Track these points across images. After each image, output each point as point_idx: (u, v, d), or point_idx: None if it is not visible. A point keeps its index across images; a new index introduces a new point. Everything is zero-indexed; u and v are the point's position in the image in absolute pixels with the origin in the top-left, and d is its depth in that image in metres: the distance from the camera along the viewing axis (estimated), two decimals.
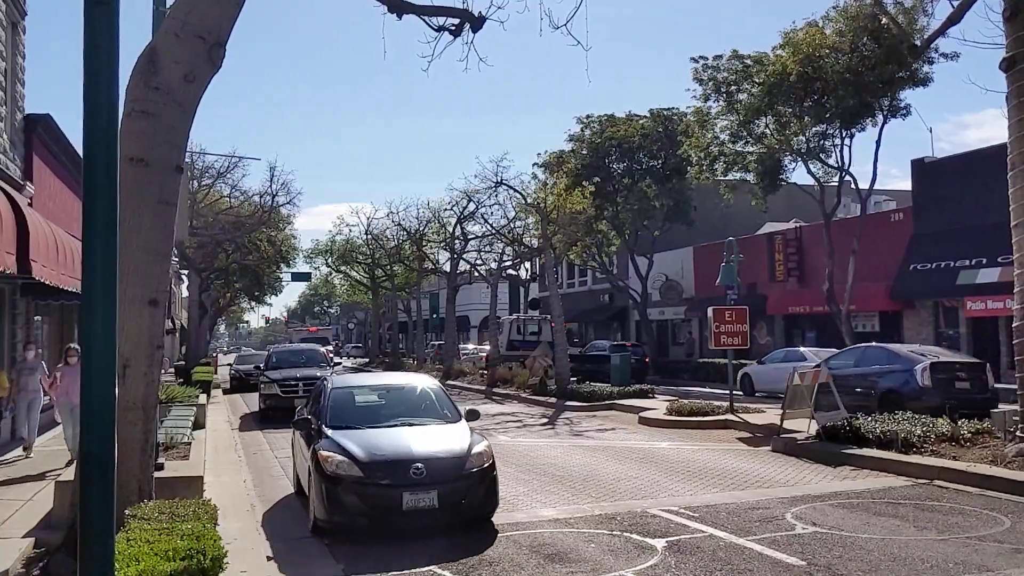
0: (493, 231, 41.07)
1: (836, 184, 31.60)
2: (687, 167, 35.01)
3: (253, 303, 70.09)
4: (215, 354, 62.40)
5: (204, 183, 38.63)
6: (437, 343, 55.51)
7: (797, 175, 33.74)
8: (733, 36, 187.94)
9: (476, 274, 46.83)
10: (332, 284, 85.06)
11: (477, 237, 44.00)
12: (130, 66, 7.77)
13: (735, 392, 21.73)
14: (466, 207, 41.12)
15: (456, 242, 43.22)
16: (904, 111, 28.68)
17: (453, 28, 11.82)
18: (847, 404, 16.47)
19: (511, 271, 46.13)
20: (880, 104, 28.30)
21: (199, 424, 17.32)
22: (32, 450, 14.13)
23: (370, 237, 53.60)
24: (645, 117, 41.15)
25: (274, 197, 38.03)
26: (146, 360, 7.83)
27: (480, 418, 11.77)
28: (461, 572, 7.91)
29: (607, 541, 8.93)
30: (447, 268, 44.73)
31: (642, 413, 20.98)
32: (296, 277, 55.41)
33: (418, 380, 12.28)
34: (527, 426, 20.52)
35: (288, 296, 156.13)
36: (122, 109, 7.47)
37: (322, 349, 31.36)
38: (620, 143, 40.36)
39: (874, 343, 21.86)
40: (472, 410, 11.24)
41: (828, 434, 14.42)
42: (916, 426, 13.64)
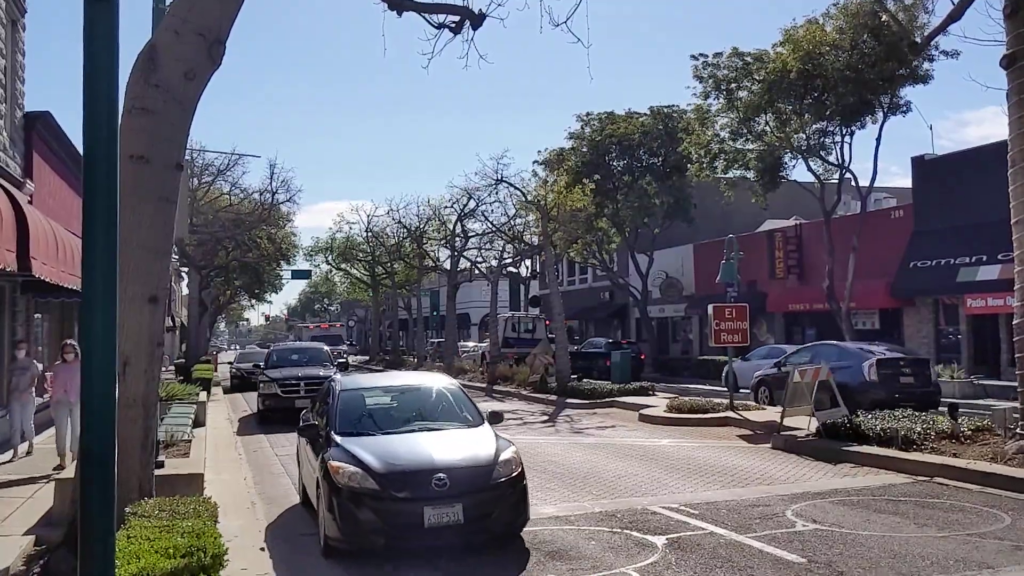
0: (493, 228, 41.13)
1: (836, 181, 31.61)
2: (687, 164, 35.04)
3: (253, 301, 70.01)
4: (215, 352, 62.30)
5: (204, 181, 38.60)
6: (437, 341, 55.47)
7: (797, 172, 33.69)
8: (733, 33, 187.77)
9: (476, 272, 46.82)
10: (332, 282, 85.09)
11: (477, 234, 44.12)
12: (130, 64, 7.78)
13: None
14: (466, 204, 41.22)
15: (456, 239, 43.24)
16: (904, 108, 28.73)
17: (453, 25, 11.81)
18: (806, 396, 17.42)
19: (511, 269, 46.17)
20: (880, 101, 28.32)
21: (199, 422, 17.34)
22: (18, 453, 13.53)
23: (370, 234, 53.60)
24: (645, 115, 41.11)
25: (274, 194, 38.03)
26: (146, 358, 7.83)
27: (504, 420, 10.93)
28: (460, 570, 7.93)
29: (607, 538, 8.93)
30: (447, 266, 44.76)
31: (642, 410, 20.99)
32: (296, 275, 55.31)
33: (435, 380, 11.37)
34: (527, 423, 20.51)
35: (288, 294, 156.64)
36: (122, 106, 7.49)
37: (326, 349, 28.17)
38: (620, 140, 40.33)
39: (828, 341, 23.21)
40: (495, 412, 10.40)
41: (828, 431, 14.42)
42: (916, 423, 13.63)
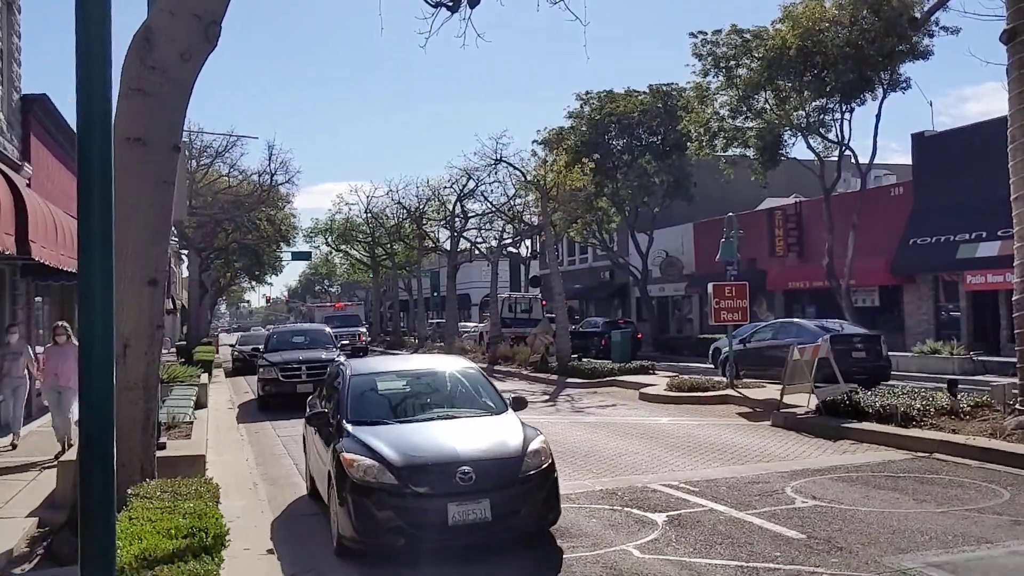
0: (493, 209, 41.10)
1: (836, 159, 31.55)
2: (687, 143, 34.93)
3: (253, 283, 70.01)
4: (216, 334, 62.35)
5: (202, 163, 38.49)
6: (437, 321, 55.50)
7: (797, 150, 33.72)
8: (732, 11, 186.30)
9: (476, 252, 46.80)
10: (332, 263, 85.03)
11: (477, 215, 44.07)
12: (125, 45, 7.73)
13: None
14: (466, 185, 41.14)
15: (456, 220, 43.18)
16: (904, 85, 28.63)
17: (450, 3, 11.75)
18: (767, 370, 19.74)
19: (511, 249, 46.10)
20: (880, 78, 28.20)
21: (201, 404, 17.38)
22: (19, 437, 13.27)
23: (370, 216, 53.52)
24: (644, 93, 40.93)
25: (272, 176, 37.91)
26: (146, 340, 7.84)
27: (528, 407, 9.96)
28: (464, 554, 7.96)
29: (608, 516, 8.99)
30: (447, 246, 44.69)
31: (643, 389, 21.04)
32: (296, 256, 55.32)
33: (453, 363, 10.62)
34: (528, 403, 20.50)
35: (288, 276, 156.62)
36: (118, 89, 7.44)
37: (328, 330, 26.79)
38: (619, 119, 40.21)
39: (788, 319, 24.50)
40: (519, 397, 9.68)
41: (828, 408, 14.46)
42: (916, 400, 13.67)
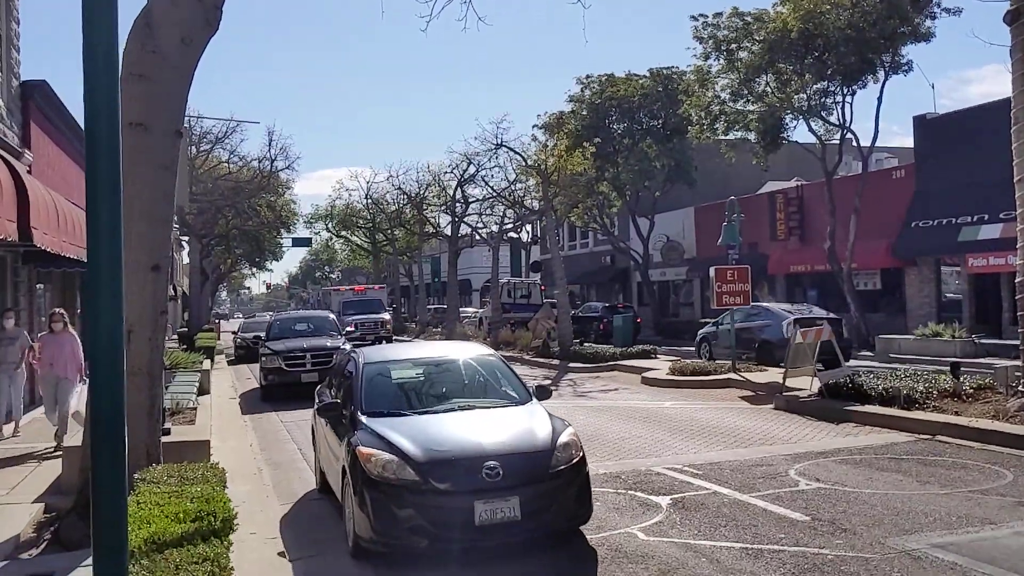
0: (494, 194, 40.99)
1: (837, 142, 31.46)
2: (688, 127, 34.81)
3: (254, 269, 69.98)
4: (218, 320, 62.37)
5: (203, 149, 38.44)
6: (437, 307, 55.48)
7: (798, 133, 33.45)
8: None
9: (477, 237, 46.70)
10: (333, 249, 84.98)
11: (478, 200, 43.99)
12: (126, 30, 7.70)
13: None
14: (467, 170, 41.02)
15: (457, 205, 43.09)
16: (906, 67, 28.50)
17: None
18: (739, 351, 20.77)
19: (512, 234, 46.06)
20: (882, 60, 28.10)
21: (204, 390, 17.41)
22: (4, 431, 13.03)
23: (370, 201, 53.43)
24: (645, 77, 40.75)
25: (273, 162, 37.88)
26: (150, 326, 7.87)
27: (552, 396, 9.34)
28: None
29: (612, 499, 9.01)
30: (448, 232, 44.64)
31: (645, 373, 21.06)
32: (297, 242, 55.25)
33: (471, 350, 10.14)
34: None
35: (289, 262, 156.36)
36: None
37: (332, 317, 25.75)
38: (620, 103, 40.04)
39: (758, 303, 24.76)
40: (543, 386, 9.16)
41: (830, 391, 14.47)
42: (918, 382, 13.69)
